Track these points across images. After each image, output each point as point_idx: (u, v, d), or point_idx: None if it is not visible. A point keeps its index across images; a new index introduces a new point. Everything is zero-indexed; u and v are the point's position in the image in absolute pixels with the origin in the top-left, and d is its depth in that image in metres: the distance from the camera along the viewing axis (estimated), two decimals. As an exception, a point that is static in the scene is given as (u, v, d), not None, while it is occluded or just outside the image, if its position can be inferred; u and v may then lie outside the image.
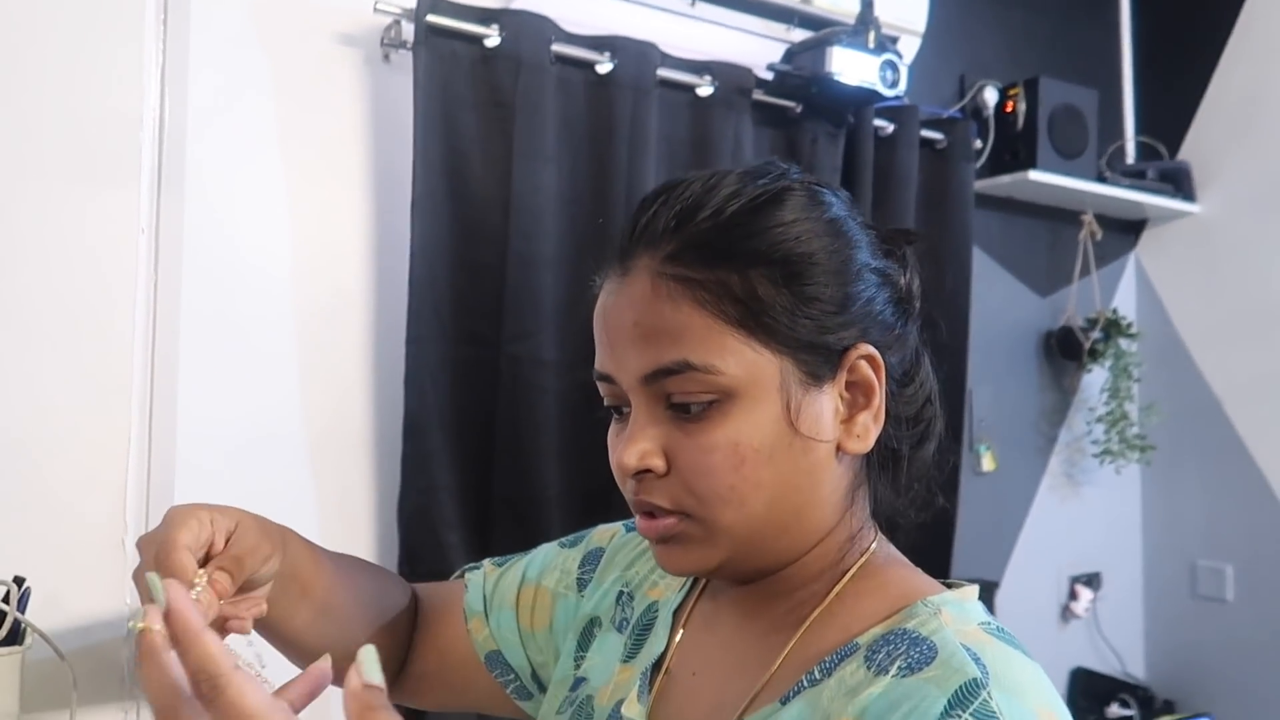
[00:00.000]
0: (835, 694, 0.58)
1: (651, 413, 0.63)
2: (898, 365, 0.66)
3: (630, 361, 0.63)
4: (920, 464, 0.70)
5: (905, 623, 0.60)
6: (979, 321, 2.10)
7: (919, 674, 0.56)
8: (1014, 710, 0.54)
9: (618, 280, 0.65)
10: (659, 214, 0.64)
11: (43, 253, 1.01)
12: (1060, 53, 2.45)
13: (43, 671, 0.85)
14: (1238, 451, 2.40)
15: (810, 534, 0.65)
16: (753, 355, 0.61)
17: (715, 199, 0.63)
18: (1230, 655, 2.40)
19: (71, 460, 1.00)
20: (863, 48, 1.78)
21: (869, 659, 0.59)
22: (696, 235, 0.62)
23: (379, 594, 0.84)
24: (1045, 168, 2.20)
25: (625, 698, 0.71)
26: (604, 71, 1.62)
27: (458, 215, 1.52)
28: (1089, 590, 2.45)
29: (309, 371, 1.46)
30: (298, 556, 0.74)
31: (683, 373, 0.61)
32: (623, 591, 0.80)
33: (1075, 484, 2.48)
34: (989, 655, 0.57)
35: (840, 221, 0.65)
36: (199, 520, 0.64)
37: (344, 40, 1.50)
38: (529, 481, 1.54)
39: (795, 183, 0.65)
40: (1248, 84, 2.42)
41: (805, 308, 0.62)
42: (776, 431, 0.61)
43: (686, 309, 0.61)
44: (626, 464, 0.63)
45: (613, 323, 0.65)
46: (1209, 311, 2.48)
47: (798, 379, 0.62)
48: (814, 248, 0.63)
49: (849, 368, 0.63)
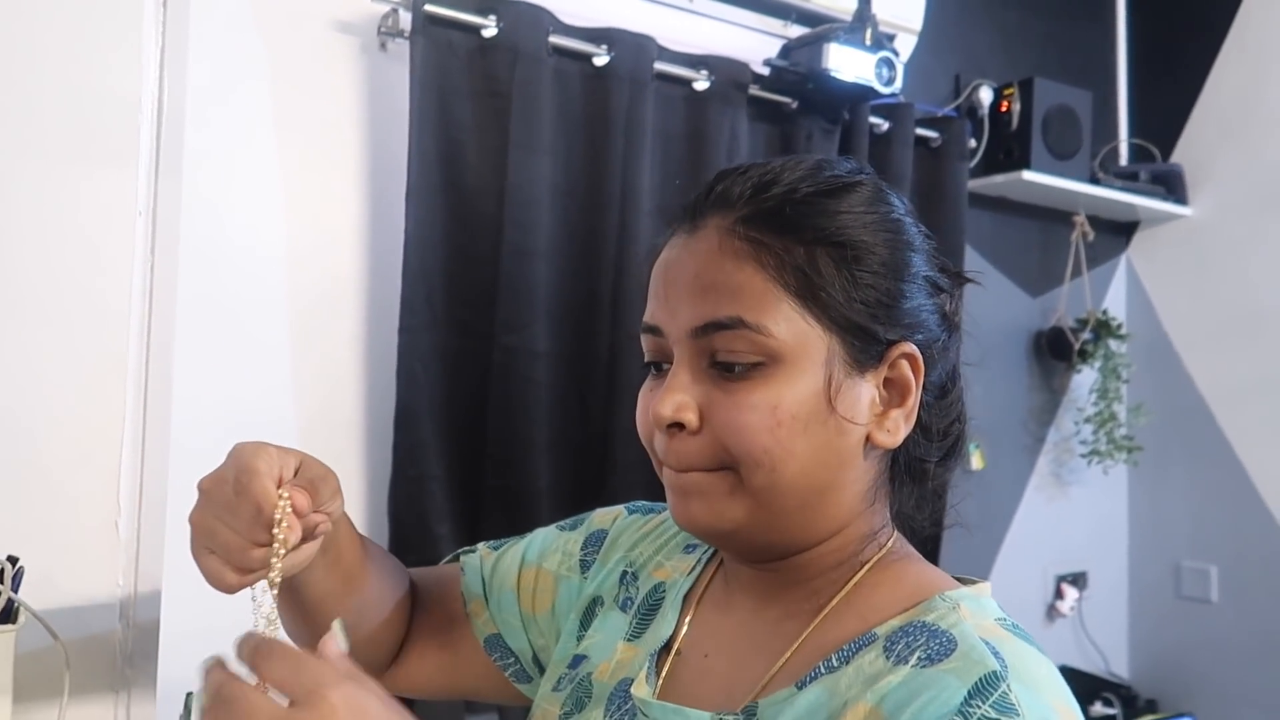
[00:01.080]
0: (853, 681, 0.59)
1: (694, 367, 0.64)
2: (937, 378, 0.68)
3: (684, 312, 0.64)
4: (941, 480, 0.71)
5: (924, 615, 0.61)
6: (970, 320, 2.10)
7: (939, 665, 0.57)
8: (1032, 703, 0.55)
9: (685, 235, 0.67)
10: (736, 183, 0.66)
11: (40, 233, 1.01)
12: (1055, 53, 2.46)
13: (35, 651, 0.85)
14: (1224, 454, 2.42)
15: (830, 520, 0.66)
16: (804, 326, 0.62)
17: (791, 177, 0.65)
18: (1213, 656, 2.42)
19: (66, 441, 1.00)
20: (859, 45, 1.79)
21: (888, 649, 0.60)
22: (769, 205, 0.64)
23: (394, 580, 0.84)
24: (1039, 168, 2.22)
25: (632, 677, 0.71)
26: (601, 64, 1.62)
27: (452, 205, 1.52)
28: (1074, 589, 2.46)
29: (302, 358, 1.46)
30: (342, 520, 0.74)
31: (734, 329, 0.62)
32: (626, 571, 0.81)
33: (1063, 483, 2.50)
34: (1007, 650, 0.58)
35: (903, 223, 0.67)
36: (270, 454, 0.65)
37: (341, 28, 1.50)
38: (520, 472, 1.54)
39: (867, 179, 0.68)
40: (1241, 88, 2.44)
41: (860, 292, 0.63)
42: (815, 405, 0.62)
43: (749, 269, 0.62)
44: (662, 414, 0.63)
45: (674, 274, 0.66)
46: (1198, 314, 2.49)
47: (842, 359, 0.63)
48: (876, 239, 0.65)
49: (890, 363, 0.65)
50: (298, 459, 0.68)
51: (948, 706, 0.54)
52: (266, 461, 0.64)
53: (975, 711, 0.53)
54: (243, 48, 1.41)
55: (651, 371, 0.68)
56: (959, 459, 0.72)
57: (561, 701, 0.76)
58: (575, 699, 0.75)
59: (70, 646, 0.86)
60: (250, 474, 0.63)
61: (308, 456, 0.69)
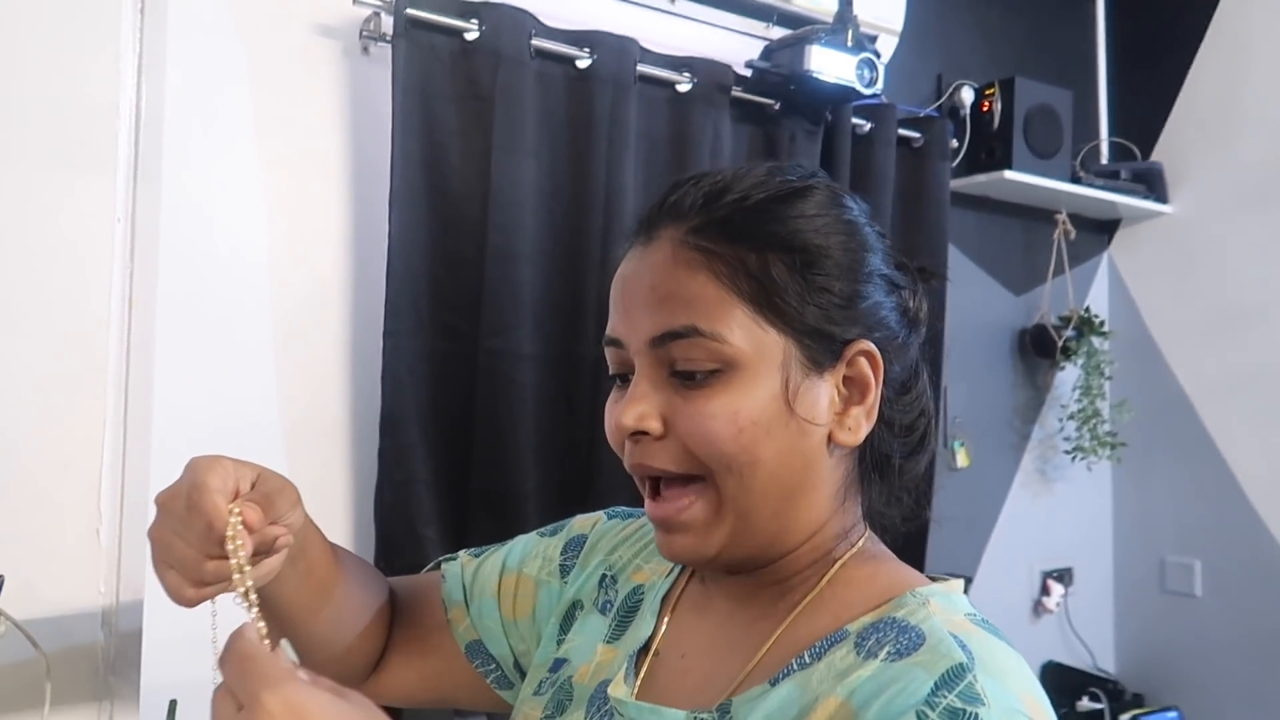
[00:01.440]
0: (825, 677, 0.60)
1: (654, 377, 0.65)
2: (898, 374, 0.69)
3: (642, 324, 0.65)
4: (911, 475, 0.72)
5: (894, 612, 0.62)
6: (954, 319, 2.12)
7: (907, 659, 0.58)
8: (998, 693, 0.55)
9: (641, 247, 0.68)
10: (688, 193, 0.67)
11: (19, 241, 1.00)
12: (1036, 53, 2.48)
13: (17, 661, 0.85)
14: (1207, 449, 2.44)
15: (802, 524, 0.67)
16: (759, 332, 0.63)
17: (743, 185, 0.66)
18: (1198, 649, 2.44)
19: (46, 449, 0.99)
20: (841, 46, 1.80)
21: (859, 645, 0.61)
22: (721, 214, 0.65)
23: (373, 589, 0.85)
24: (1020, 167, 2.23)
25: (610, 679, 0.72)
26: (583, 66, 1.62)
27: (436, 209, 1.52)
28: (1060, 585, 2.48)
29: (286, 363, 1.45)
30: (308, 529, 0.74)
31: (690, 337, 0.63)
32: (605, 575, 0.81)
33: (1047, 480, 2.52)
34: (974, 643, 0.59)
35: (857, 224, 0.68)
36: (224, 468, 0.65)
37: (323, 32, 1.50)
38: (506, 475, 1.54)
39: (820, 183, 0.69)
40: (1220, 86, 2.46)
41: (815, 296, 0.64)
42: (774, 409, 0.63)
43: (702, 278, 0.63)
44: (624, 423, 0.65)
45: (630, 286, 0.67)
46: (1180, 310, 2.51)
47: (799, 362, 0.64)
48: (830, 242, 0.66)
49: (848, 361, 0.66)
50: (254, 472, 0.68)
51: (915, 697, 0.55)
52: (219, 476, 0.64)
53: (941, 702, 0.54)
54: (223, 52, 1.40)
55: (616, 383, 0.69)
56: (926, 454, 0.72)
57: (543, 705, 0.76)
58: (556, 702, 0.75)
59: (52, 656, 0.86)
60: (201, 489, 0.62)
61: (265, 470, 0.69)
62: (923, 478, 0.73)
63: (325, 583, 0.77)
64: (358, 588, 0.82)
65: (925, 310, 0.72)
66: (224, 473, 0.64)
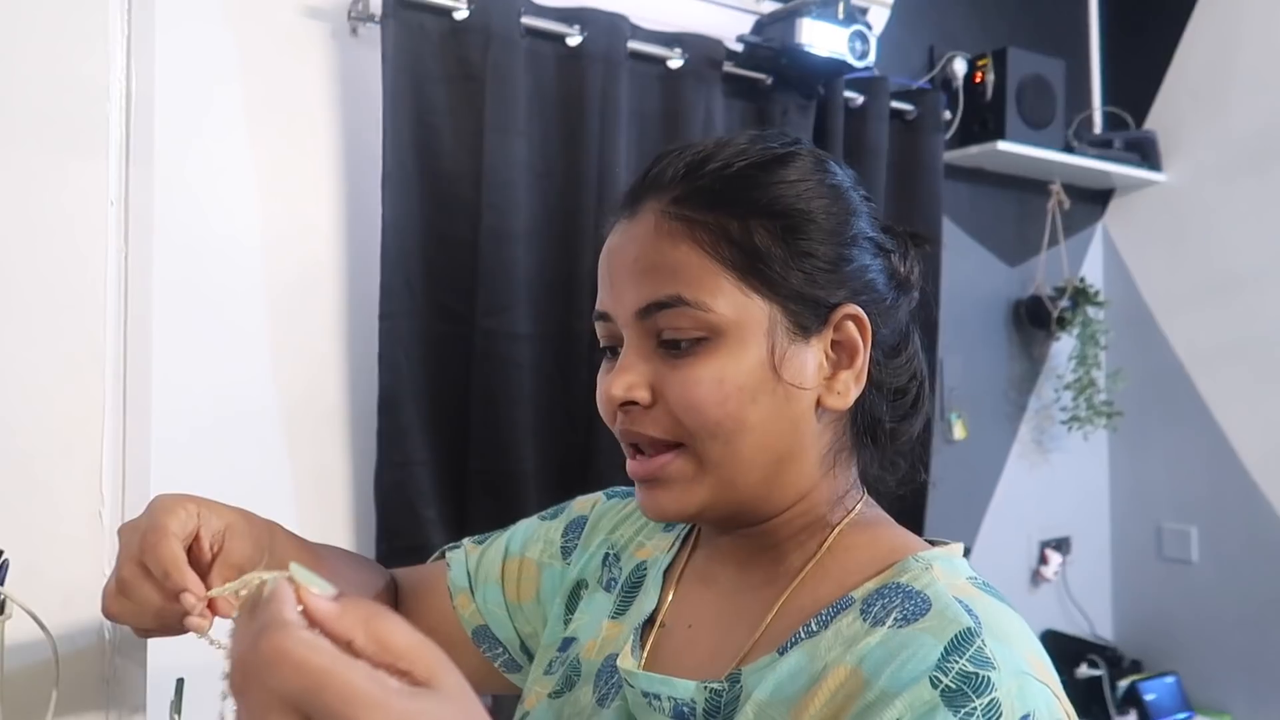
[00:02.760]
0: (833, 644, 0.61)
1: (641, 348, 0.66)
2: (888, 336, 0.69)
3: (627, 296, 0.66)
4: (905, 438, 0.72)
5: (898, 577, 0.63)
6: (949, 292, 2.12)
7: (915, 624, 0.58)
8: (1006, 656, 0.56)
9: (626, 220, 0.68)
10: (670, 164, 0.67)
11: (12, 225, 1.00)
12: (1028, 23, 2.47)
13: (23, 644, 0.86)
14: (1202, 416, 2.46)
15: (791, 486, 0.67)
16: (743, 299, 0.64)
17: (724, 154, 0.66)
18: (1195, 615, 2.46)
19: (46, 433, 0.99)
20: (832, 19, 1.79)
21: (864, 611, 0.61)
22: (703, 182, 0.65)
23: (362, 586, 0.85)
24: (1014, 138, 2.23)
25: (618, 652, 0.72)
26: (574, 44, 1.62)
27: (429, 189, 1.52)
28: (1058, 554, 2.50)
29: (282, 346, 1.46)
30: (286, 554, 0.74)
31: (675, 307, 0.63)
32: (609, 553, 0.82)
33: (1044, 450, 2.53)
34: (980, 607, 0.60)
35: (841, 189, 0.68)
36: (186, 511, 0.65)
37: (310, 13, 1.49)
38: (505, 455, 1.55)
39: (803, 149, 0.69)
40: (1212, 54, 2.45)
41: (799, 261, 0.64)
42: (760, 375, 0.64)
43: (685, 247, 0.64)
44: (613, 394, 0.65)
45: (616, 260, 0.67)
46: (1175, 279, 2.52)
47: (785, 328, 0.64)
48: (813, 207, 0.66)
49: (835, 325, 0.66)
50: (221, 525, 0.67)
51: (926, 663, 0.56)
52: (177, 521, 0.64)
53: (953, 666, 0.55)
54: (212, 34, 1.40)
55: (606, 356, 0.70)
56: (919, 417, 0.72)
57: (553, 682, 0.77)
58: (565, 678, 0.76)
59: (59, 638, 0.87)
60: (159, 534, 0.62)
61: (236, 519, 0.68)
62: (918, 441, 0.73)
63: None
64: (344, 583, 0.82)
65: (916, 273, 0.72)
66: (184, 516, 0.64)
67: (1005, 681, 0.55)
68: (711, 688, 0.64)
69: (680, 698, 0.65)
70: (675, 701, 0.65)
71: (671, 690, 0.66)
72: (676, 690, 0.66)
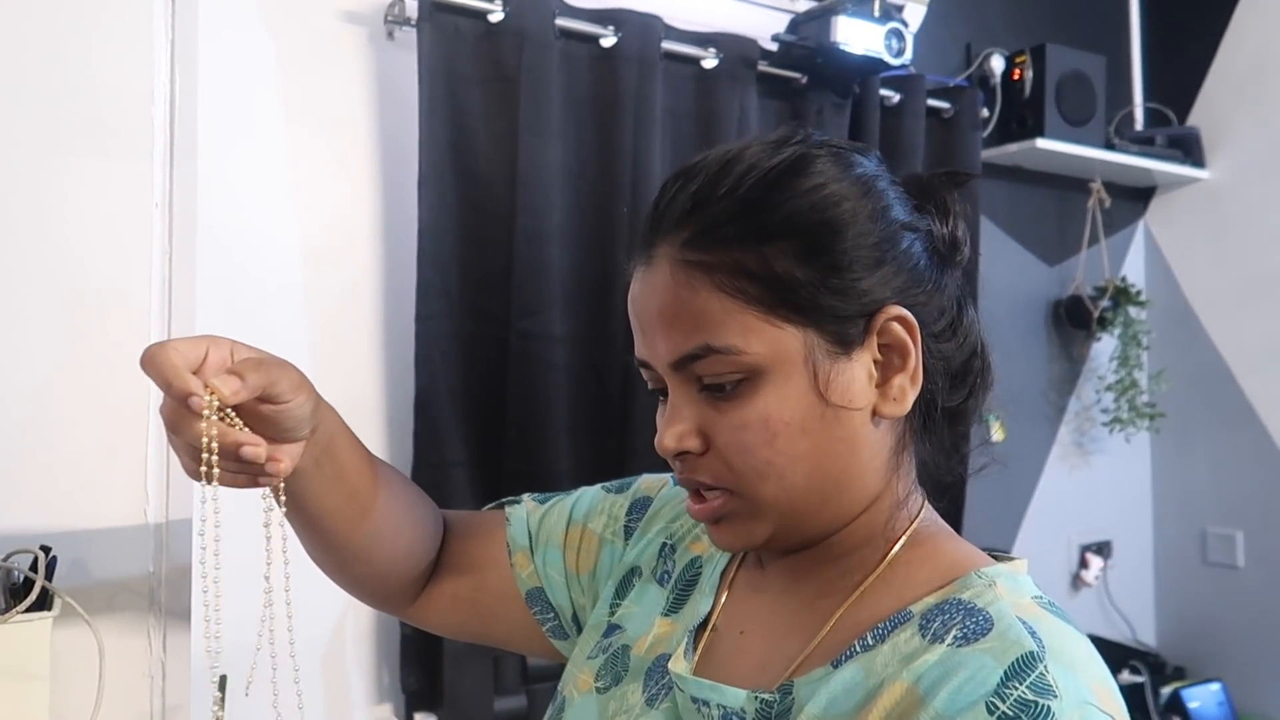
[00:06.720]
0: (889, 660, 0.59)
1: (686, 395, 0.64)
2: (937, 318, 0.65)
3: (659, 349, 0.64)
4: (973, 414, 0.69)
5: (960, 593, 0.61)
6: (987, 292, 2.10)
7: (975, 644, 0.56)
8: (1070, 683, 0.54)
9: (643, 269, 0.66)
10: (676, 198, 0.64)
11: (60, 227, 1.03)
12: (1067, 19, 2.43)
13: (70, 637, 0.87)
14: (1248, 418, 2.40)
15: (854, 502, 0.65)
16: (775, 332, 0.61)
17: (731, 177, 0.63)
18: (1241, 621, 2.41)
19: (93, 433, 1.01)
20: (868, 16, 1.78)
21: (924, 627, 0.59)
22: (712, 217, 0.62)
23: (413, 501, 0.83)
24: (1053, 135, 2.20)
25: (669, 652, 0.71)
26: (608, 45, 1.62)
27: (464, 192, 1.53)
28: (1099, 558, 2.46)
29: (320, 347, 1.47)
30: (337, 431, 0.73)
31: (706, 357, 0.61)
32: (665, 543, 0.81)
33: (1085, 453, 2.49)
34: (1044, 629, 0.57)
35: (868, 179, 0.65)
36: (195, 340, 0.63)
37: (348, 18, 1.50)
38: (539, 456, 1.55)
39: (817, 148, 0.65)
40: (1257, 48, 2.40)
41: (827, 277, 0.61)
42: (807, 404, 0.61)
43: (704, 293, 0.61)
44: (666, 446, 0.64)
45: (640, 311, 0.66)
46: (1218, 278, 2.47)
47: (824, 349, 0.62)
48: (840, 211, 0.62)
49: (880, 331, 0.63)
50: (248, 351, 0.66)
51: (985, 687, 0.53)
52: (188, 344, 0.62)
53: (1012, 693, 0.53)
54: (251, 40, 1.42)
55: (660, 398, 0.68)
56: (988, 390, 0.69)
57: (596, 672, 0.75)
58: (613, 673, 0.75)
59: (104, 632, 0.88)
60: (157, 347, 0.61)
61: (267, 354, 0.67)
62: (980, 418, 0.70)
63: (357, 489, 0.75)
64: (398, 505, 0.80)
65: (961, 229, 0.68)
66: (194, 343, 0.63)
67: (1067, 712, 0.52)
68: (762, 698, 0.63)
69: (730, 705, 0.64)
70: (725, 709, 0.64)
71: (721, 698, 0.65)
72: (726, 698, 0.64)
